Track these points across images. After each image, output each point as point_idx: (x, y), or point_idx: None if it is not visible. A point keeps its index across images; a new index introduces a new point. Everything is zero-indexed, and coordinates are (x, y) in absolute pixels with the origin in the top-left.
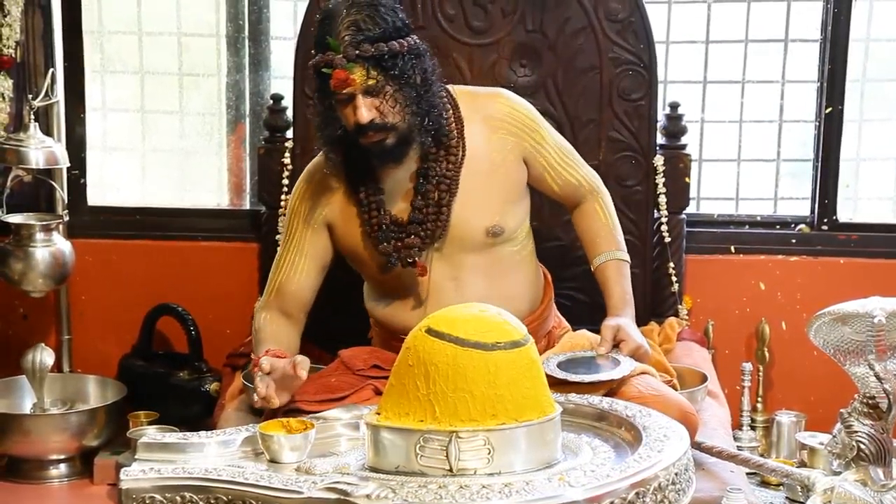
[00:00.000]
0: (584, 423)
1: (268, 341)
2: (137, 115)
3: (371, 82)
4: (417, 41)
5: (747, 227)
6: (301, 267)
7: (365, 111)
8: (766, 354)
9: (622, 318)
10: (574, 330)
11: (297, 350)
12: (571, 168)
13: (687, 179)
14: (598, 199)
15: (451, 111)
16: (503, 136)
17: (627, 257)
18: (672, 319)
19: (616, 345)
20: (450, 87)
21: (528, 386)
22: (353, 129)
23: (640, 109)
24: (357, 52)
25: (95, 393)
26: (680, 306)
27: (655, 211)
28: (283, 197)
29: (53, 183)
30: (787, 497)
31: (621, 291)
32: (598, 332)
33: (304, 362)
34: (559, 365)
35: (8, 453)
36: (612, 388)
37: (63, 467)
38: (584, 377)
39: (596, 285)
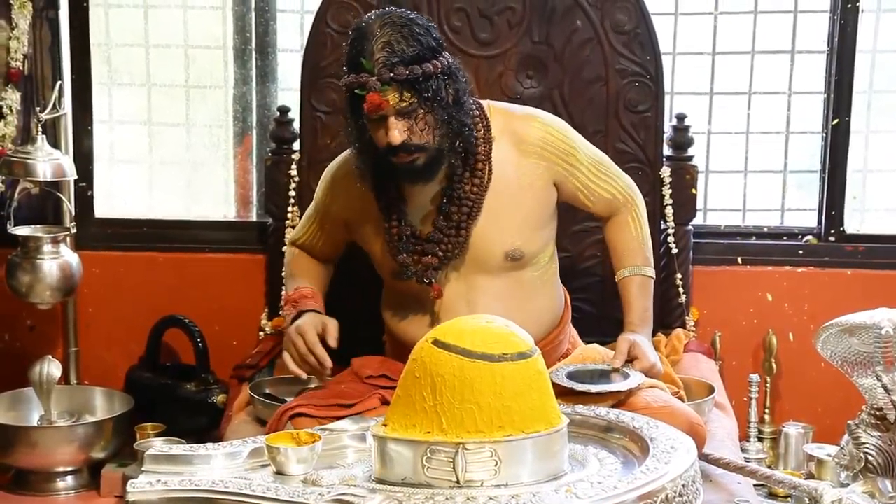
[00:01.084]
0: (592, 435)
1: (297, 276)
2: (145, 127)
3: (404, 104)
4: (450, 59)
5: (754, 238)
6: (321, 241)
7: (397, 133)
8: (774, 366)
9: (639, 336)
10: (584, 343)
11: (326, 286)
12: (605, 182)
13: (694, 191)
14: (631, 210)
15: (481, 130)
16: (534, 160)
17: (653, 273)
18: (679, 331)
19: (630, 360)
20: (485, 102)
21: (535, 397)
22: (385, 150)
23: (646, 121)
24: (391, 74)
25: (102, 405)
26: (687, 317)
27: (662, 222)
28: (289, 208)
29: (61, 195)
30: None
31: (641, 308)
32: (606, 344)
33: (333, 329)
34: (568, 375)
35: (15, 465)
36: (619, 400)
37: (70, 479)
38: (591, 387)
39: (605, 297)
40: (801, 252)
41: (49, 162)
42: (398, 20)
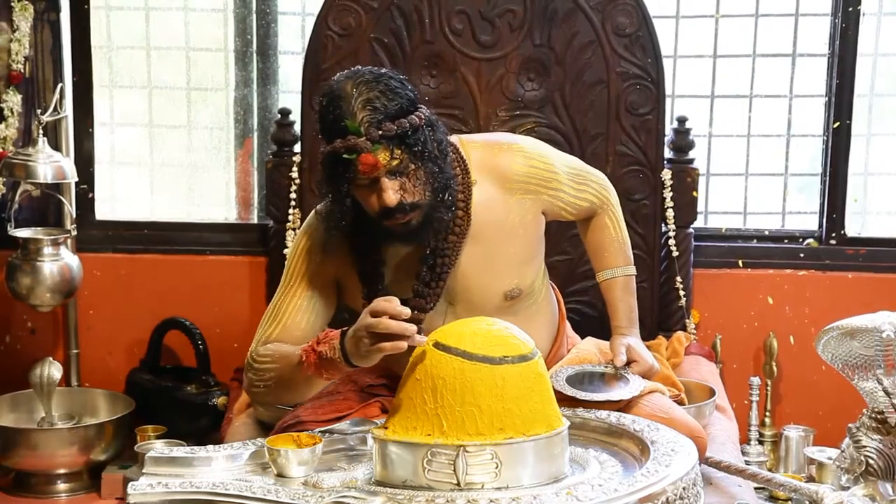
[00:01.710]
0: (592, 437)
1: (293, 349)
2: (146, 129)
3: (395, 162)
4: (426, 110)
5: (755, 241)
6: (309, 314)
7: (392, 194)
8: (774, 369)
9: (630, 338)
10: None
11: None
12: (584, 192)
13: (695, 193)
14: (608, 211)
15: (459, 175)
16: (520, 196)
17: (634, 270)
18: (680, 333)
19: (627, 364)
20: (455, 139)
21: (536, 400)
22: (378, 214)
23: (647, 123)
24: (380, 132)
25: (103, 407)
26: (688, 320)
27: (663, 225)
28: (290, 211)
29: (62, 197)
30: None
31: (627, 309)
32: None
33: (394, 299)
34: (568, 380)
35: (15, 467)
36: (620, 408)
37: (71, 482)
38: (593, 396)
39: (604, 301)
40: (802, 255)
41: (50, 164)
42: (371, 77)
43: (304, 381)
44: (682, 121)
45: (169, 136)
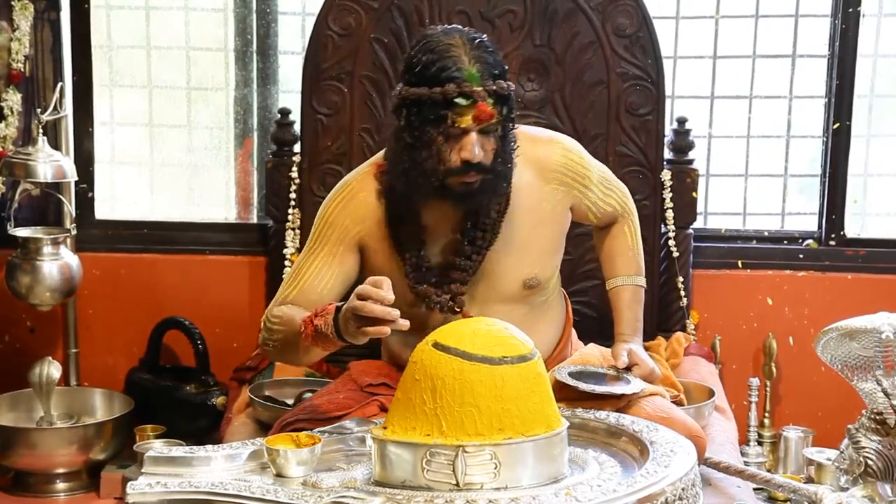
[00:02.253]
0: (592, 438)
1: (301, 313)
2: (146, 128)
3: (494, 121)
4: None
5: (755, 242)
6: (327, 280)
7: (478, 150)
8: (774, 370)
9: (632, 345)
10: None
11: None
12: (610, 197)
13: (694, 194)
14: (628, 220)
15: None
16: (555, 186)
17: (644, 283)
18: (679, 334)
19: (628, 367)
20: None
21: (535, 400)
22: (452, 168)
23: (647, 124)
24: (494, 87)
25: (102, 406)
26: (687, 321)
27: (663, 226)
28: (290, 211)
29: (61, 197)
30: None
31: (633, 318)
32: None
33: (385, 281)
34: (570, 376)
35: (14, 467)
36: (619, 408)
37: (69, 481)
38: (595, 387)
39: (605, 301)
40: (801, 256)
41: (50, 163)
42: (475, 36)
43: (304, 349)
44: (681, 121)
45: (169, 135)
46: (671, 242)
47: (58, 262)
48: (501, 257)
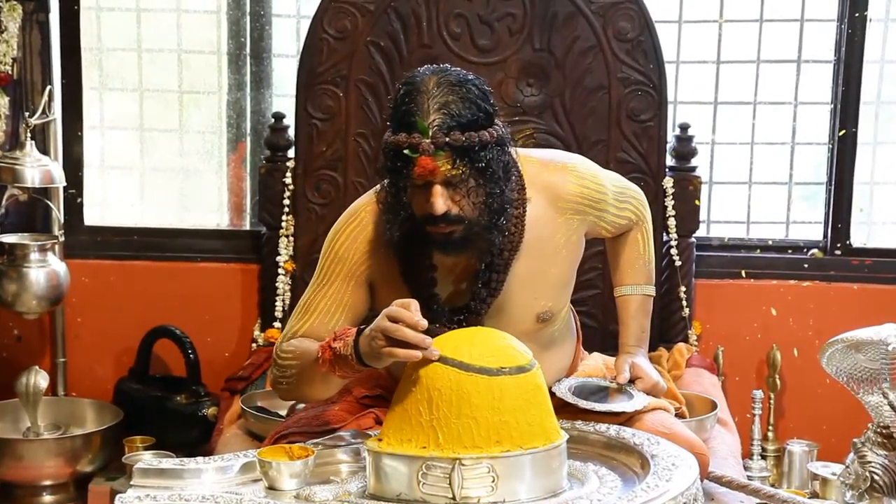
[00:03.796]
0: (591, 451)
1: (315, 344)
2: (136, 133)
3: (455, 173)
4: (502, 128)
5: (758, 251)
6: (337, 317)
7: (441, 202)
8: (778, 382)
9: (636, 357)
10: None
11: None
12: (625, 209)
13: (697, 202)
14: (641, 227)
15: (516, 191)
16: (570, 216)
17: (654, 292)
18: (681, 345)
19: (632, 381)
20: (512, 152)
21: (534, 412)
22: (423, 217)
23: (649, 130)
24: (447, 139)
25: (90, 417)
26: (689, 331)
27: (665, 234)
28: (284, 217)
29: (50, 202)
30: None
31: (639, 328)
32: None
33: (413, 303)
34: (571, 391)
35: (0, 478)
36: (622, 422)
37: (56, 493)
38: (595, 405)
39: (607, 311)
40: (806, 266)
41: (38, 168)
42: (455, 80)
43: (322, 379)
44: (684, 128)
45: (160, 140)
46: (673, 251)
47: (45, 269)
48: (515, 293)
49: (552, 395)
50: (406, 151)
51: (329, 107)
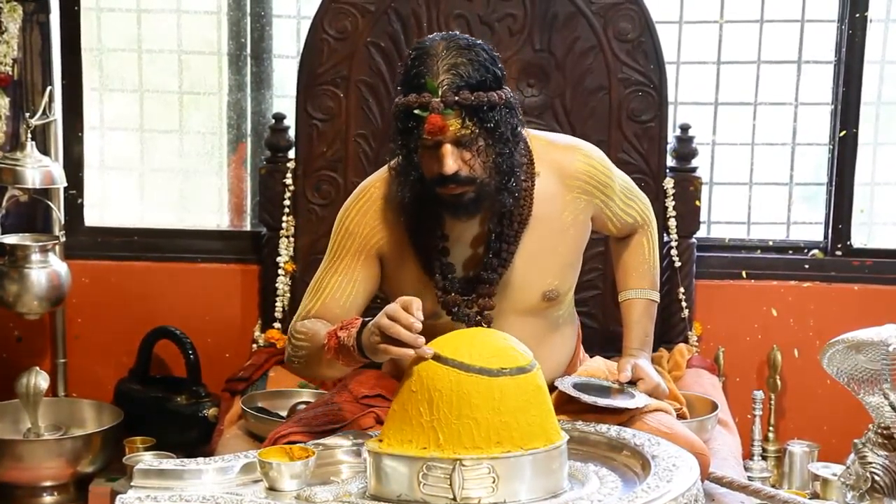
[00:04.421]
0: (592, 452)
1: (326, 327)
2: (136, 133)
3: (465, 132)
4: (511, 93)
5: (759, 251)
6: (349, 292)
7: (451, 162)
8: (778, 382)
9: (638, 360)
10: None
11: None
12: (631, 208)
13: (697, 203)
14: (647, 232)
15: (526, 164)
16: (577, 195)
17: (658, 298)
18: (682, 346)
19: (633, 382)
20: (524, 133)
21: (534, 413)
22: (434, 178)
23: (649, 131)
24: (456, 98)
25: (91, 418)
26: (690, 332)
27: (665, 235)
28: (284, 218)
29: (50, 203)
30: None
31: (643, 333)
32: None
33: (416, 301)
34: (574, 387)
35: (0, 479)
36: (623, 422)
37: (57, 494)
38: (598, 400)
39: (605, 311)
40: (806, 266)
41: (38, 169)
42: (464, 44)
43: (328, 364)
44: (685, 128)
45: (160, 140)
46: (674, 252)
47: (46, 269)
48: (522, 268)
49: (554, 389)
50: (416, 111)
51: (329, 107)
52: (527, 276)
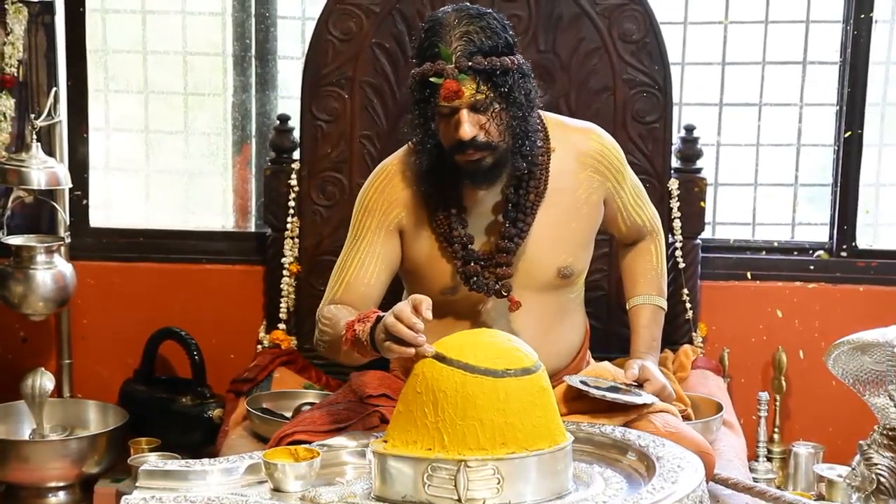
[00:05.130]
0: (597, 453)
1: (349, 314)
2: (141, 135)
3: (480, 97)
4: (523, 59)
5: (764, 253)
6: (372, 268)
7: (469, 127)
8: (783, 384)
9: (645, 362)
10: (593, 360)
11: None
12: (640, 208)
13: (702, 204)
14: (655, 239)
15: (541, 139)
16: (591, 174)
17: (665, 305)
18: (687, 347)
19: (640, 384)
20: (539, 112)
21: (539, 414)
22: (453, 145)
23: (654, 132)
24: (470, 63)
25: (96, 419)
26: (695, 334)
27: (670, 236)
28: (289, 219)
29: (55, 204)
30: None
31: (650, 338)
32: (612, 362)
33: (426, 301)
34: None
35: (6, 480)
36: (628, 422)
37: (62, 495)
38: (607, 394)
39: (610, 312)
40: (812, 267)
41: (43, 170)
42: (475, 13)
43: (345, 353)
44: (689, 129)
45: (165, 141)
46: (678, 253)
47: (51, 270)
48: (538, 242)
49: (560, 382)
50: (432, 79)
51: (334, 108)
52: (543, 249)
